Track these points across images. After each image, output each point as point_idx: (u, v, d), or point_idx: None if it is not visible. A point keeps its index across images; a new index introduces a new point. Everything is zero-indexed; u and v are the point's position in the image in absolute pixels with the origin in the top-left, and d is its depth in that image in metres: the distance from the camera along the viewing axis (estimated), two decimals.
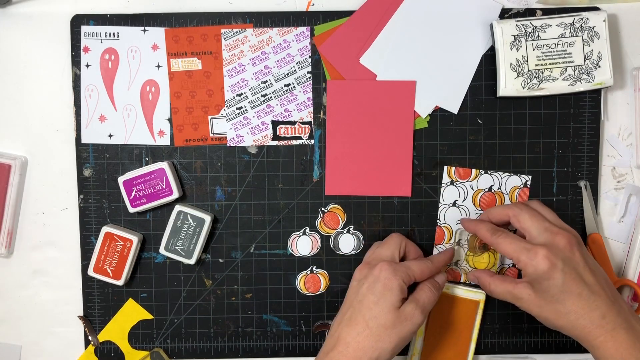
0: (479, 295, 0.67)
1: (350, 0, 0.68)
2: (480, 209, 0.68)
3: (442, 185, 0.68)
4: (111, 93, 0.67)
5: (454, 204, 0.68)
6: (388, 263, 0.60)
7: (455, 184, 0.68)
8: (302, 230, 0.68)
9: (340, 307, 0.62)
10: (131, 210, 0.66)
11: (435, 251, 0.68)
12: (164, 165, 0.66)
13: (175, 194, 0.66)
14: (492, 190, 0.68)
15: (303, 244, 0.69)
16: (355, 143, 0.68)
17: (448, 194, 0.68)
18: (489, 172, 0.68)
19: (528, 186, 0.68)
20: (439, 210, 0.68)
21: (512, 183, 0.68)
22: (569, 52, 0.65)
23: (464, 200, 0.68)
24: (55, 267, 0.69)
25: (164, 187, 0.66)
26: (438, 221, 0.68)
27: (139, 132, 0.68)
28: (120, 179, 0.66)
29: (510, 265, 0.68)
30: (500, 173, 0.68)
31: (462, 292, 0.67)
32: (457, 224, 0.68)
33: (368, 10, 0.67)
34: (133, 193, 0.66)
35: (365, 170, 0.68)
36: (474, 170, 0.68)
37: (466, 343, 0.67)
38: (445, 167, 0.68)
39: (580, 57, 0.65)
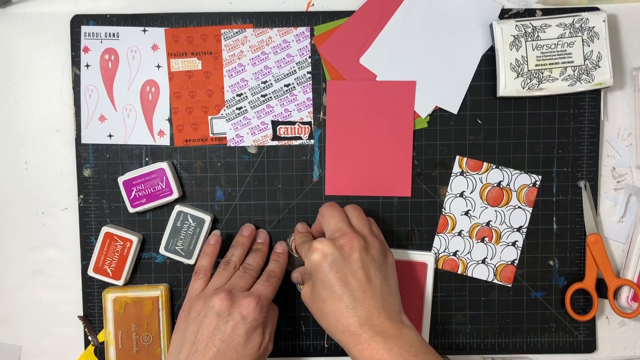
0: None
1: (350, 0, 0.68)
2: (486, 202, 0.68)
3: (452, 174, 0.68)
4: (111, 93, 0.67)
5: (461, 194, 0.68)
6: (255, 302, 0.57)
7: (465, 175, 0.68)
8: None
9: (187, 333, 0.58)
10: (131, 210, 0.66)
11: (436, 239, 0.68)
12: (164, 165, 0.66)
13: (175, 194, 0.66)
14: (501, 186, 0.68)
15: None
16: (355, 143, 0.68)
17: (456, 184, 0.68)
18: (500, 168, 0.68)
19: (537, 186, 0.68)
20: (445, 199, 0.68)
21: (522, 181, 0.68)
22: (568, 53, 0.65)
23: (471, 192, 0.68)
24: (55, 268, 0.69)
25: (163, 187, 0.66)
26: (443, 209, 0.68)
27: (139, 132, 0.68)
28: (120, 179, 0.66)
29: (509, 262, 0.69)
30: (511, 170, 0.68)
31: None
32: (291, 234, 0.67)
33: (368, 10, 0.67)
34: (133, 193, 0.66)
35: (365, 170, 0.68)
36: (485, 164, 0.68)
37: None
38: (457, 156, 0.68)
39: (580, 57, 0.65)
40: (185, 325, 0.59)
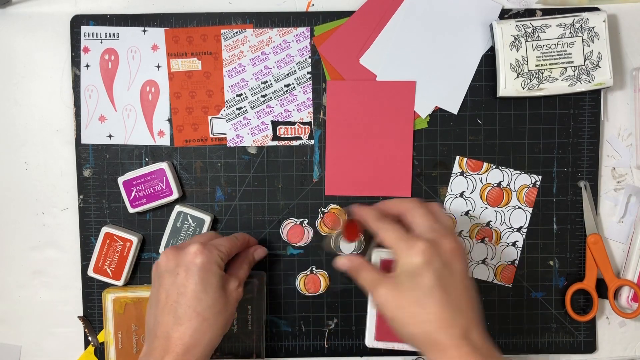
0: None
1: (350, 0, 0.68)
2: (486, 203, 0.68)
3: (452, 175, 0.68)
4: (111, 93, 0.67)
5: (461, 195, 0.68)
6: (200, 246, 0.56)
7: (465, 175, 0.68)
8: (300, 222, 0.68)
9: (153, 302, 0.57)
10: (131, 210, 0.66)
11: None
12: (164, 165, 0.66)
13: (175, 194, 0.66)
14: (501, 186, 0.68)
15: (294, 233, 0.68)
16: (355, 143, 0.68)
17: (456, 184, 0.68)
18: (500, 168, 0.68)
19: (537, 186, 0.68)
20: (445, 199, 0.68)
21: (522, 181, 0.68)
22: (568, 53, 0.65)
23: (471, 192, 0.68)
24: (55, 268, 0.69)
25: (163, 187, 0.66)
26: (443, 210, 0.68)
27: (139, 132, 0.68)
28: (120, 179, 0.66)
29: (509, 262, 0.69)
30: (511, 170, 0.68)
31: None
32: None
33: (368, 10, 0.67)
34: (133, 193, 0.66)
35: (365, 170, 0.68)
36: (485, 164, 0.68)
37: None
38: (457, 157, 0.68)
39: (580, 57, 0.65)
40: (152, 297, 0.58)
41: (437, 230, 0.54)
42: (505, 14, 0.67)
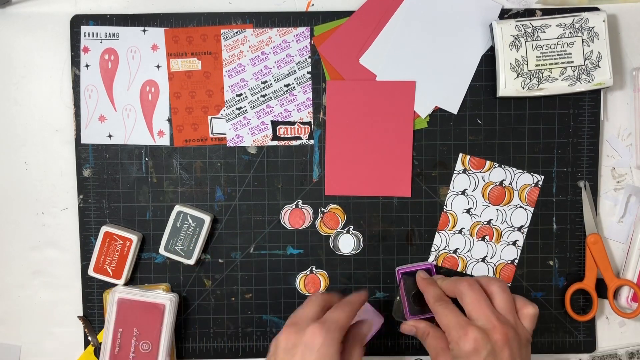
0: None
1: (350, 0, 0.68)
2: (488, 201, 0.68)
3: (455, 172, 0.68)
4: (111, 93, 0.67)
5: (464, 192, 0.68)
6: (319, 325, 0.54)
7: (467, 172, 0.68)
8: (295, 203, 0.68)
9: None
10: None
11: (437, 237, 0.68)
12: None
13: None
14: (503, 185, 0.68)
15: (295, 217, 0.68)
16: (355, 143, 0.68)
17: (459, 181, 0.68)
18: (503, 166, 0.68)
19: (539, 186, 0.68)
20: (447, 196, 0.68)
21: (524, 181, 0.68)
22: (568, 53, 0.65)
23: (473, 190, 0.68)
24: (54, 268, 0.69)
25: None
26: (445, 207, 0.68)
27: (139, 132, 0.68)
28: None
29: (509, 262, 0.69)
30: (514, 168, 0.68)
31: None
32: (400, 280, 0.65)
33: (368, 10, 0.67)
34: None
35: (365, 170, 0.68)
36: (488, 162, 0.68)
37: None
38: (460, 154, 0.68)
39: (579, 57, 0.65)
40: None
41: (488, 317, 0.56)
42: (505, 14, 0.67)
